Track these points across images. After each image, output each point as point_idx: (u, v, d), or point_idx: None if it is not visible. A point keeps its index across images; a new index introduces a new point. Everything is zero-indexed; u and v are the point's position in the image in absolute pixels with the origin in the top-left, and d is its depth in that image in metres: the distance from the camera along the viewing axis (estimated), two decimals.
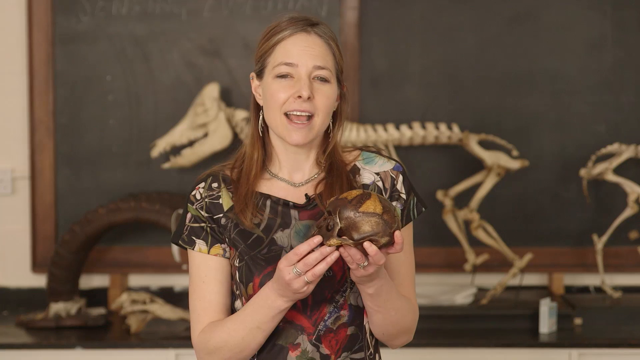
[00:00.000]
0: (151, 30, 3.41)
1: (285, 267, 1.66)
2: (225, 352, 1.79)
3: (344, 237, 1.62)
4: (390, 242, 1.64)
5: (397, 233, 1.64)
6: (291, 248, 1.80)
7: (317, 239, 1.64)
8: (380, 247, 1.64)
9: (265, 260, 1.80)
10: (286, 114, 1.80)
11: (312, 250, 1.66)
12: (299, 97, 1.79)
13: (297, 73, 1.80)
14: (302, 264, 1.65)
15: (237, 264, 1.82)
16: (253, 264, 1.80)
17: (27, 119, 3.43)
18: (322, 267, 1.65)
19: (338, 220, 1.62)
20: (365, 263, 1.66)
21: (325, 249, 1.64)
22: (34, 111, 3.41)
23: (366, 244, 1.62)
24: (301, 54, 1.80)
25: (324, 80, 1.81)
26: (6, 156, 3.47)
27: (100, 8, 3.40)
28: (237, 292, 1.83)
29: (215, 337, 1.79)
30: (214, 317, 1.82)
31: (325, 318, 1.80)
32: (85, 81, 3.42)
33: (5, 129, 3.46)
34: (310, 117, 1.80)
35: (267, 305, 1.73)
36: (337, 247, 1.64)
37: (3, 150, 3.47)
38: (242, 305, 1.82)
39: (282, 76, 1.81)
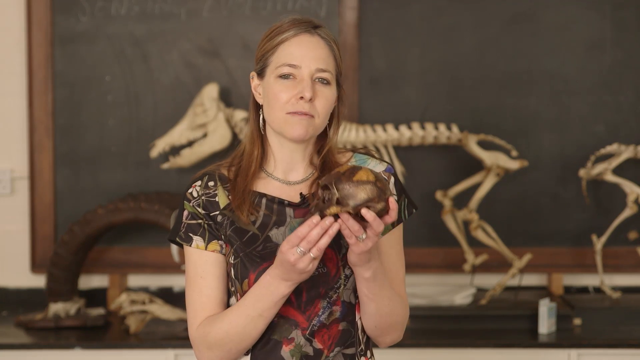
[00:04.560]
0: (150, 30, 3.41)
1: (288, 249, 1.70)
2: (226, 343, 1.80)
3: (344, 205, 1.67)
4: (385, 210, 1.69)
5: (391, 199, 1.69)
6: None
7: (316, 218, 1.68)
8: (377, 214, 1.68)
9: (260, 257, 1.82)
10: (287, 113, 1.83)
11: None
12: (301, 98, 1.81)
13: (300, 74, 1.83)
14: (306, 242, 1.68)
15: (232, 261, 1.84)
16: (248, 260, 1.82)
17: (26, 119, 3.43)
18: (325, 240, 1.69)
19: (335, 190, 1.67)
20: (364, 236, 1.69)
21: (325, 222, 1.68)
22: (33, 111, 3.41)
23: (364, 211, 1.67)
24: (304, 55, 1.83)
25: (325, 82, 1.84)
26: (5, 156, 3.47)
27: (99, 8, 3.40)
28: (232, 289, 1.86)
29: (215, 330, 1.81)
30: (212, 311, 1.84)
31: (319, 314, 1.82)
32: (85, 81, 3.42)
33: (5, 129, 3.46)
34: (310, 117, 1.83)
35: (269, 292, 1.76)
36: (335, 219, 1.68)
37: (2, 151, 3.47)
38: (237, 301, 1.84)
39: (285, 77, 1.83)
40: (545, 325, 3.06)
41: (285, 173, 1.89)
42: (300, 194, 1.86)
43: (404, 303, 1.89)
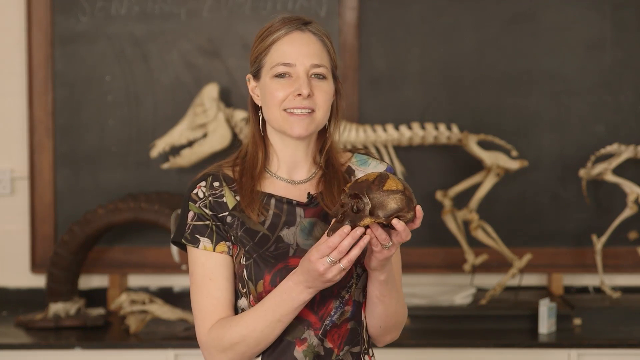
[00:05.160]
0: (150, 30, 3.41)
1: (318, 259, 1.69)
2: (241, 346, 1.79)
3: (376, 215, 1.67)
4: (412, 218, 1.70)
5: (418, 207, 1.70)
6: (297, 245, 1.83)
7: (347, 228, 1.67)
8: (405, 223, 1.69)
9: (274, 258, 1.82)
10: (285, 110, 1.83)
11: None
12: (299, 95, 1.82)
13: (295, 72, 1.84)
14: (337, 252, 1.67)
15: (244, 262, 1.83)
16: (262, 261, 1.81)
17: (26, 119, 3.43)
18: (356, 252, 1.68)
19: (368, 200, 1.67)
20: (390, 243, 1.70)
21: (356, 233, 1.67)
22: (34, 111, 3.41)
23: (394, 221, 1.67)
24: (298, 53, 1.84)
25: (321, 77, 1.85)
26: (5, 156, 3.47)
27: (99, 8, 3.40)
28: (244, 291, 1.84)
29: (231, 333, 1.79)
30: (222, 314, 1.83)
31: (332, 313, 1.82)
32: (85, 81, 3.42)
33: (5, 129, 3.46)
34: (311, 112, 1.84)
35: (290, 299, 1.75)
36: (365, 228, 1.68)
37: (2, 151, 3.47)
38: (249, 303, 1.83)
39: (280, 76, 1.84)
40: (545, 325, 3.06)
41: (290, 172, 1.89)
42: (308, 194, 1.86)
43: (404, 302, 1.91)
